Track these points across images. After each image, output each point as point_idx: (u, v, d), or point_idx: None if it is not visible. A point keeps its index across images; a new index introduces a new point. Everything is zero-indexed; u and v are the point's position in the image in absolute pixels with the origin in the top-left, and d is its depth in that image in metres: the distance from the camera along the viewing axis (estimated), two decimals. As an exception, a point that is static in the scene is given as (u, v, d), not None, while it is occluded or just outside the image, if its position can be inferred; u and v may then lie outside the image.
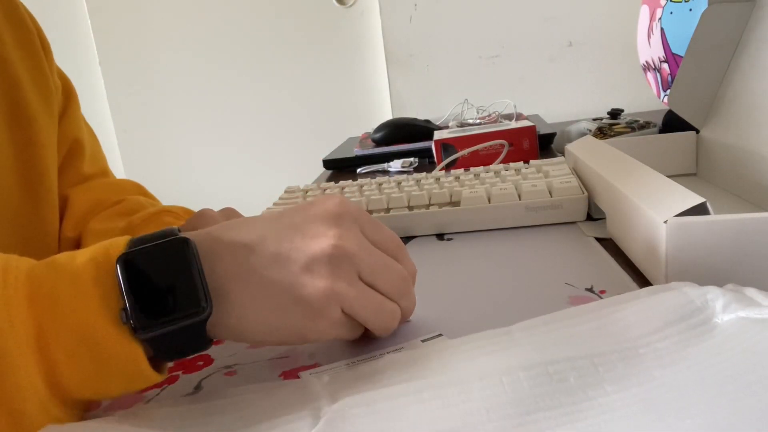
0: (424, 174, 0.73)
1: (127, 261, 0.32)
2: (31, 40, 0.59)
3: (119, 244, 0.33)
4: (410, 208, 0.65)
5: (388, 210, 0.65)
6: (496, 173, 0.70)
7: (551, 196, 0.61)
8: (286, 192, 0.77)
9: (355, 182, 0.74)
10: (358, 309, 0.36)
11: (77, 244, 0.62)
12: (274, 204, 0.73)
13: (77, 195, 0.64)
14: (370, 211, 0.66)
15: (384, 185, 0.71)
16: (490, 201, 0.62)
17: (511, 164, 0.72)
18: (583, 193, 0.61)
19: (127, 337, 0.31)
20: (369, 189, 0.70)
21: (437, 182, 0.70)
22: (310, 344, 0.43)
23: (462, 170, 0.73)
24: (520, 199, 0.61)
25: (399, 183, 0.71)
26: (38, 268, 0.32)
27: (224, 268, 0.34)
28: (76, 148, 0.65)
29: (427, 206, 0.64)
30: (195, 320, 0.32)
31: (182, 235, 0.34)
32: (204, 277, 0.33)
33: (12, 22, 0.58)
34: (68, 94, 0.65)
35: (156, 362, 0.33)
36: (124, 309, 0.31)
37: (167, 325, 0.31)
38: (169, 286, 0.32)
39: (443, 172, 0.74)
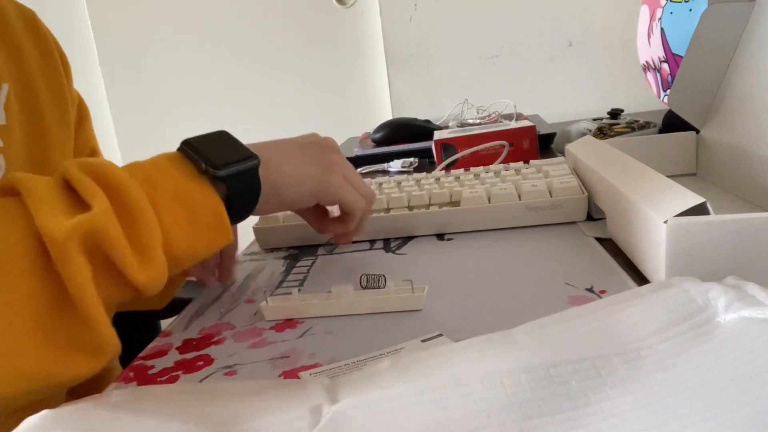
0: (424, 174, 0.73)
1: (187, 142, 0.45)
2: (51, 54, 0.65)
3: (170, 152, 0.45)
4: (410, 208, 0.65)
5: (388, 210, 0.65)
6: (496, 173, 0.70)
7: (551, 196, 0.61)
8: None
9: None
10: (350, 177, 0.53)
11: None
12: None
13: None
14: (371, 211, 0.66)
15: (384, 185, 0.71)
16: (490, 201, 0.62)
17: (511, 164, 0.72)
18: (583, 193, 0.60)
19: (207, 185, 0.43)
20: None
21: (437, 182, 0.69)
22: (310, 344, 0.43)
23: (462, 170, 0.73)
24: (520, 199, 0.61)
25: (399, 183, 0.71)
26: (133, 169, 0.42)
27: (262, 145, 0.49)
28: (94, 156, 0.73)
29: (427, 206, 0.64)
30: (253, 163, 0.45)
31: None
32: (246, 146, 0.47)
33: (34, 37, 0.64)
34: (83, 111, 0.72)
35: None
36: (200, 164, 0.43)
37: (234, 165, 0.44)
38: (225, 148, 0.45)
39: (443, 172, 0.74)
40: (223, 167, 0.43)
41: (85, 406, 0.31)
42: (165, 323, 1.07)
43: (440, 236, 0.63)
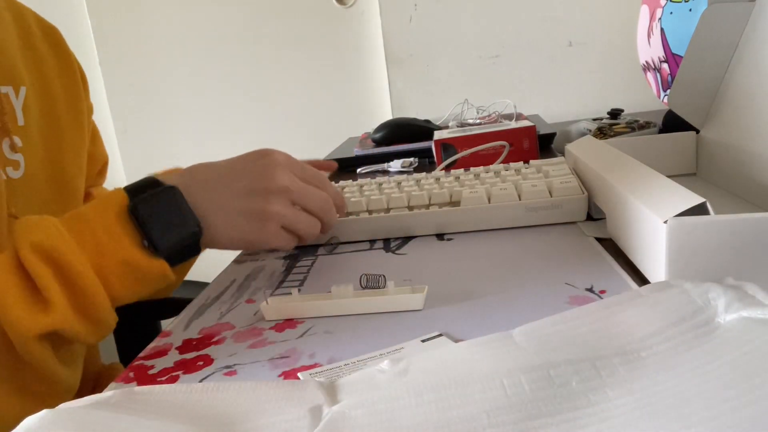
0: (424, 174, 0.73)
1: (135, 208, 0.47)
2: (70, 65, 0.69)
3: (121, 196, 0.48)
4: (410, 208, 0.65)
5: (388, 210, 0.65)
6: (496, 173, 0.70)
7: (551, 196, 0.61)
8: None
9: (355, 182, 0.74)
10: (290, 224, 0.54)
11: None
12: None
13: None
14: (370, 211, 0.66)
15: (384, 185, 0.71)
16: (490, 201, 0.62)
17: (511, 164, 0.72)
18: (583, 193, 0.60)
19: (154, 258, 0.47)
20: (369, 189, 0.70)
21: (437, 182, 0.69)
22: (310, 344, 0.43)
23: (462, 170, 0.73)
24: (520, 200, 0.61)
25: (399, 183, 0.71)
26: (74, 225, 0.46)
27: (200, 202, 0.50)
28: (105, 168, 0.80)
29: (427, 206, 0.64)
30: (196, 238, 0.50)
31: (167, 183, 0.50)
32: (191, 209, 0.49)
33: (55, 48, 0.69)
34: (94, 128, 0.76)
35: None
36: (145, 240, 0.47)
37: (177, 245, 0.48)
38: (169, 217, 0.48)
39: (443, 172, 0.74)
40: (164, 245, 0.48)
41: (85, 406, 0.31)
42: (165, 323, 1.07)
43: (440, 236, 0.63)
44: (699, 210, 0.40)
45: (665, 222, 0.39)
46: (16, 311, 0.43)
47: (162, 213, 0.48)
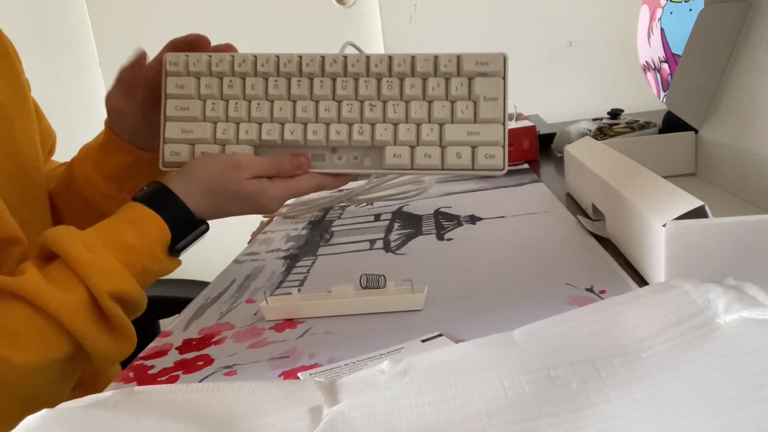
0: (340, 65, 0.57)
1: (178, 248, 0.54)
2: (3, 46, 0.64)
3: (163, 230, 0.53)
4: (331, 148, 0.57)
5: (306, 148, 0.56)
6: (425, 85, 0.56)
7: (472, 169, 0.54)
8: (169, 73, 0.61)
9: (255, 76, 0.58)
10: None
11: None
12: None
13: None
14: (287, 145, 0.56)
15: (293, 85, 0.57)
16: (413, 166, 0.55)
17: (443, 62, 0.56)
18: (503, 169, 0.54)
19: (176, 260, 0.54)
20: (280, 103, 0.57)
21: (356, 97, 0.56)
22: (310, 345, 0.43)
23: (388, 74, 0.56)
24: (442, 168, 0.55)
25: (311, 83, 0.57)
26: (126, 256, 0.51)
27: (199, 203, 0.54)
28: (54, 145, 0.76)
29: (348, 148, 0.56)
30: (204, 233, 0.55)
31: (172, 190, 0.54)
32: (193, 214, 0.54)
33: None
34: (35, 104, 0.71)
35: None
36: (171, 243, 0.53)
37: (192, 241, 0.55)
38: (189, 225, 0.54)
39: (365, 68, 0.57)
40: (183, 248, 0.55)
41: (85, 406, 0.31)
42: (165, 323, 1.07)
43: (440, 236, 0.63)
44: (698, 213, 0.40)
45: (664, 225, 0.39)
46: (103, 343, 0.48)
47: (190, 238, 0.55)
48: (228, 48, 0.59)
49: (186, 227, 0.54)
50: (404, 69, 0.56)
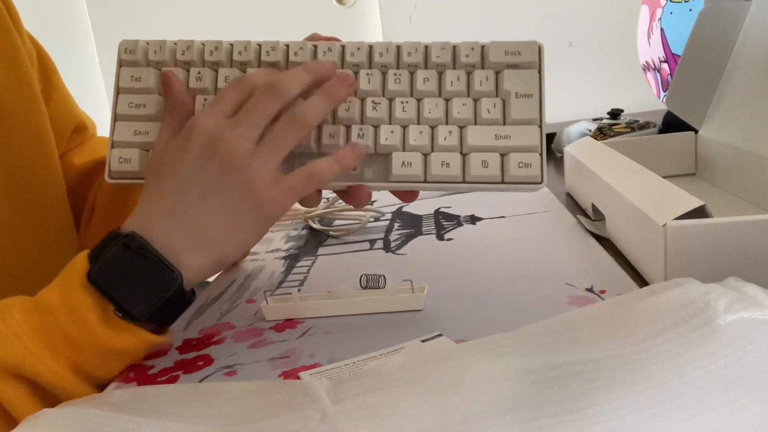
0: (330, 51, 0.47)
1: (93, 280, 0.38)
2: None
3: (81, 265, 0.39)
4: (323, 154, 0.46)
5: (291, 153, 0.43)
6: (442, 77, 0.47)
7: (502, 182, 0.45)
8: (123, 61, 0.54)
9: (230, 66, 0.48)
10: (277, 147, 0.41)
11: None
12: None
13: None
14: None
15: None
16: (426, 179, 0.46)
17: (464, 51, 0.47)
18: (541, 182, 0.45)
19: (132, 329, 0.39)
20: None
21: (355, 93, 0.47)
22: (310, 345, 0.43)
23: (396, 66, 0.48)
24: (463, 181, 0.46)
25: None
26: (34, 317, 0.38)
27: (166, 239, 0.40)
28: (82, 129, 0.64)
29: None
30: (175, 285, 0.39)
31: (125, 231, 0.40)
32: (162, 256, 0.39)
33: None
34: (47, 69, 0.60)
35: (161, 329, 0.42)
36: (117, 311, 0.38)
37: (155, 304, 0.39)
38: (138, 275, 0.39)
39: (368, 58, 0.48)
40: (138, 310, 0.38)
41: (85, 406, 0.31)
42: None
43: (440, 236, 0.63)
44: (698, 213, 0.40)
45: (664, 225, 0.39)
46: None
47: (124, 273, 0.38)
48: None
49: (111, 261, 0.38)
50: (415, 59, 0.47)
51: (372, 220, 0.70)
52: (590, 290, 0.45)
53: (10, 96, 0.52)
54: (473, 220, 0.67)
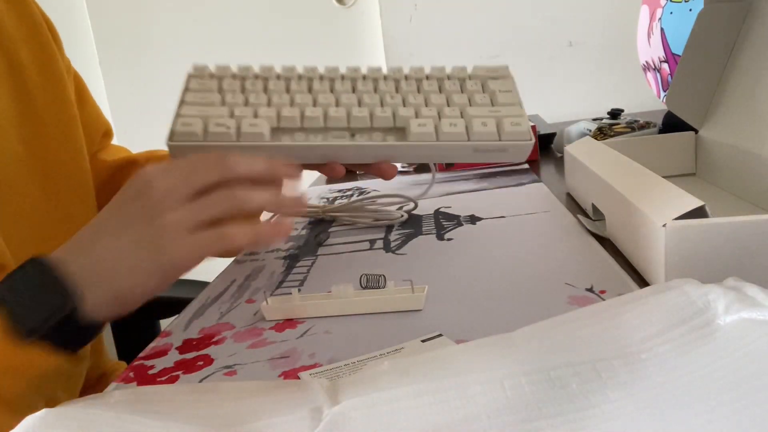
0: (356, 71, 0.62)
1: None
2: (36, 25, 0.61)
3: None
4: (351, 130, 0.57)
5: (326, 129, 0.57)
6: (439, 84, 0.61)
7: (500, 139, 0.57)
8: (192, 75, 0.64)
9: (279, 79, 0.61)
10: (197, 218, 0.42)
11: None
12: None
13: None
14: (305, 130, 0.56)
15: (315, 84, 0.60)
16: (438, 138, 0.57)
17: (453, 70, 0.63)
18: (531, 140, 0.57)
19: (26, 346, 0.39)
20: (300, 92, 0.59)
21: (376, 91, 0.60)
22: (310, 345, 0.43)
23: (403, 76, 0.62)
24: (468, 140, 0.57)
25: (332, 83, 0.60)
26: None
27: (75, 269, 0.41)
28: (108, 136, 0.75)
29: (370, 129, 0.57)
30: (68, 310, 0.40)
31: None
32: (60, 278, 0.40)
33: (17, 8, 0.60)
34: (79, 85, 0.70)
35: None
36: (17, 326, 0.39)
37: (46, 321, 0.40)
38: (33, 293, 0.40)
39: (382, 74, 0.62)
40: (31, 326, 0.39)
41: (85, 406, 0.31)
42: (165, 323, 1.07)
43: (440, 236, 0.63)
44: (698, 213, 0.40)
45: (664, 226, 0.39)
46: None
47: (21, 288, 0.40)
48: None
49: (8, 279, 0.40)
50: (419, 75, 0.62)
51: (403, 217, 0.73)
52: (590, 290, 0.45)
53: (49, 106, 0.59)
54: (473, 220, 0.67)
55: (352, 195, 0.88)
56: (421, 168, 0.98)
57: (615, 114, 0.97)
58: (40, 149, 0.58)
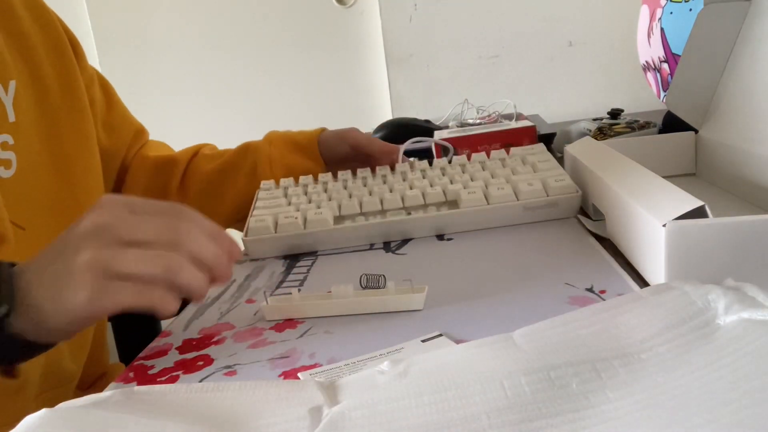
0: (406, 166, 0.72)
1: None
2: (59, 38, 0.66)
3: None
4: (406, 209, 0.64)
5: (384, 212, 0.64)
6: (482, 165, 0.69)
7: (547, 196, 0.61)
8: (261, 189, 0.73)
9: (336, 181, 0.71)
10: (114, 267, 0.39)
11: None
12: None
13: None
14: (365, 214, 0.63)
15: (369, 181, 0.70)
16: (489, 202, 0.62)
17: (493, 154, 0.71)
18: (577, 192, 0.61)
19: None
20: (356, 189, 0.67)
21: (425, 178, 0.68)
22: (310, 345, 0.43)
23: (446, 162, 0.71)
24: (517, 200, 0.61)
25: (384, 178, 0.70)
26: None
27: (26, 284, 0.40)
28: (141, 134, 0.82)
29: (424, 206, 0.63)
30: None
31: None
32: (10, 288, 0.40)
33: (40, 22, 0.65)
34: (106, 89, 0.76)
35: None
36: None
37: None
38: None
39: (428, 165, 0.72)
40: None
41: (85, 406, 0.31)
42: (165, 323, 1.07)
43: (440, 236, 0.63)
44: (698, 213, 0.40)
45: (664, 225, 0.39)
46: None
47: None
48: None
49: None
50: (462, 161, 0.70)
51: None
52: (590, 290, 0.45)
53: (66, 111, 0.65)
54: (473, 220, 0.67)
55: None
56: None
57: (615, 114, 0.97)
58: (56, 146, 0.63)
